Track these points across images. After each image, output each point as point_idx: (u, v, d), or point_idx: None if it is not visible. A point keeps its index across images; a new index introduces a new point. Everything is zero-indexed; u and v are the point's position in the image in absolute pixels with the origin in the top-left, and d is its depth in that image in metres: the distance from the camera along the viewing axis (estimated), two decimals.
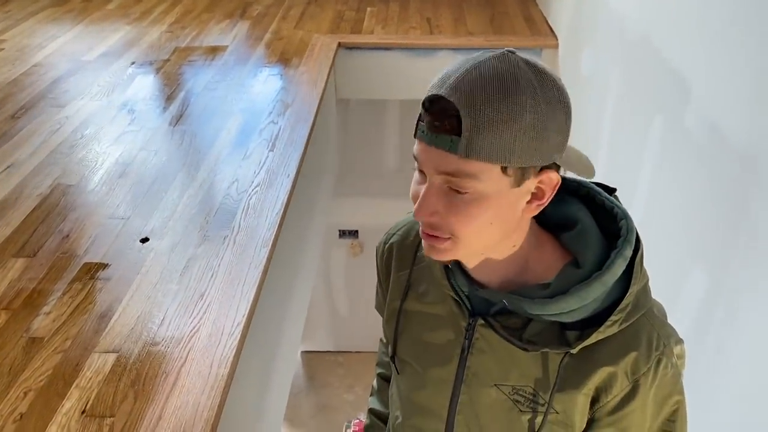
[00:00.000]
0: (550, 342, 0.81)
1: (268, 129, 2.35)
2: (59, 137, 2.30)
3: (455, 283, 0.88)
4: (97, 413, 1.28)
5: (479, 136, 0.69)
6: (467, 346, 0.87)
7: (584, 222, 0.84)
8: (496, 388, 0.86)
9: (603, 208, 0.86)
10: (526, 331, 0.82)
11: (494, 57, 0.72)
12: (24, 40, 3.16)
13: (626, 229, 0.82)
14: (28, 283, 1.61)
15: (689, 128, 1.64)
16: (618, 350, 0.80)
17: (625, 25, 2.17)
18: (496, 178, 0.72)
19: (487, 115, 0.69)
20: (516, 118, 0.69)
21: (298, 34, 3.22)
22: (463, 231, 0.76)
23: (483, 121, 0.69)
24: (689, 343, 1.60)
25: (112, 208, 1.91)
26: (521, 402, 0.85)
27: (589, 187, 0.88)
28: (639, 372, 0.80)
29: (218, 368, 1.38)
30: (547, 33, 3.20)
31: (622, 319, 0.79)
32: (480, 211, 0.74)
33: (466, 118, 0.69)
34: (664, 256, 1.78)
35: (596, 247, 0.81)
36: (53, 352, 1.42)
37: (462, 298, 0.88)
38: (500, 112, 0.69)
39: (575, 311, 0.79)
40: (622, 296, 0.79)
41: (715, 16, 1.55)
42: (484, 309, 0.86)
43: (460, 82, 0.70)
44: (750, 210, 1.36)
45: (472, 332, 0.87)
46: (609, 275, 0.78)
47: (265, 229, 1.81)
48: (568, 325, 0.81)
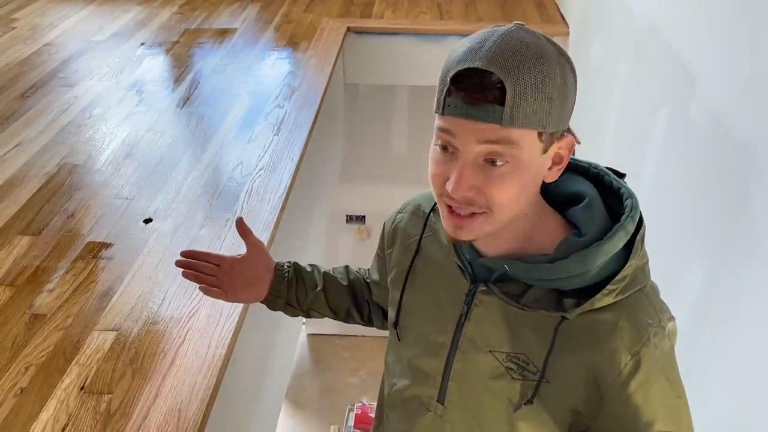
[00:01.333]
0: (547, 307, 0.83)
1: (274, 113, 2.36)
2: (67, 117, 2.32)
3: (460, 251, 0.90)
4: (95, 390, 1.30)
5: (523, 103, 0.71)
6: (465, 312, 0.89)
7: (591, 197, 0.86)
8: (490, 355, 0.88)
9: (611, 189, 0.88)
10: (524, 297, 0.84)
11: (515, 28, 0.75)
12: (36, 19, 3.17)
13: (630, 207, 0.84)
14: (32, 261, 1.64)
15: (694, 120, 1.63)
16: (614, 322, 0.81)
17: (634, 14, 2.15)
18: (533, 145, 0.75)
19: (528, 81, 0.71)
20: (551, 83, 0.73)
21: (308, 18, 3.22)
22: (499, 202, 0.77)
23: (525, 88, 0.71)
24: (686, 337, 1.60)
25: (117, 189, 1.93)
26: (513, 369, 0.86)
27: (599, 169, 0.90)
28: (638, 344, 0.80)
29: (216, 349, 1.40)
30: (559, 20, 3.17)
31: (619, 290, 0.81)
32: (516, 180, 0.76)
33: (510, 86, 0.71)
34: (664, 247, 1.78)
35: (600, 221, 0.84)
36: (55, 329, 1.44)
37: (465, 265, 0.90)
38: (539, 79, 0.72)
39: (574, 278, 0.81)
40: (620, 269, 0.81)
41: (722, 9, 1.54)
42: (485, 276, 0.88)
43: (493, 52, 0.72)
44: (750, 205, 1.35)
45: (472, 298, 0.89)
46: (609, 245, 0.80)
47: (267, 212, 1.82)
48: (566, 294, 0.83)
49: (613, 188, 0.88)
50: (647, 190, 1.91)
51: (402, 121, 4.52)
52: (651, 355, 0.81)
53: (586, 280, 0.81)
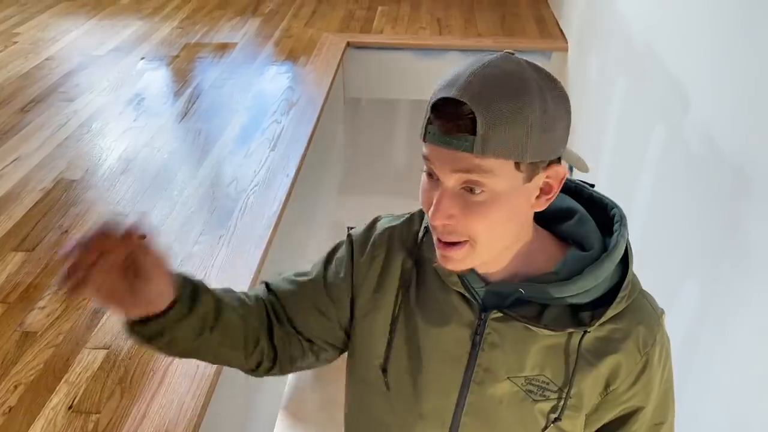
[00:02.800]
0: (569, 324, 0.84)
1: (271, 128, 2.37)
2: (66, 132, 2.33)
3: (465, 279, 0.86)
4: (83, 409, 1.30)
5: (493, 133, 0.71)
6: (479, 342, 0.86)
7: (582, 212, 0.88)
8: (509, 381, 0.86)
9: (591, 201, 0.90)
10: (542, 319, 0.84)
11: (498, 58, 0.75)
12: (38, 33, 3.20)
13: (619, 215, 0.86)
14: (25, 278, 1.64)
15: (688, 138, 1.63)
16: (628, 327, 0.84)
17: (631, 32, 2.15)
18: (510, 174, 0.75)
19: (500, 111, 0.71)
20: (527, 113, 0.72)
21: (308, 33, 3.23)
22: (480, 231, 0.77)
23: (496, 118, 0.71)
24: (681, 351, 1.59)
25: (112, 205, 1.94)
26: (534, 392, 0.86)
27: (576, 182, 0.92)
28: (648, 345, 0.84)
29: (204, 369, 1.39)
30: (558, 36, 3.18)
31: (627, 295, 0.84)
32: (495, 209, 0.76)
33: (480, 116, 0.71)
34: (660, 263, 1.77)
35: (596, 233, 0.86)
36: (45, 347, 1.44)
37: (474, 294, 0.86)
38: (512, 109, 0.72)
39: (589, 291, 0.82)
40: (621, 276, 0.84)
41: (715, 30, 1.54)
42: (494, 303, 0.86)
43: (470, 82, 0.72)
44: (741, 224, 1.35)
45: (483, 327, 0.86)
46: (616, 254, 0.83)
47: (260, 228, 1.82)
48: (579, 308, 0.84)
49: (593, 200, 0.89)
50: (643, 206, 1.91)
51: (403, 134, 4.53)
52: (657, 353, 0.86)
53: (599, 292, 0.83)
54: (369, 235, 0.93)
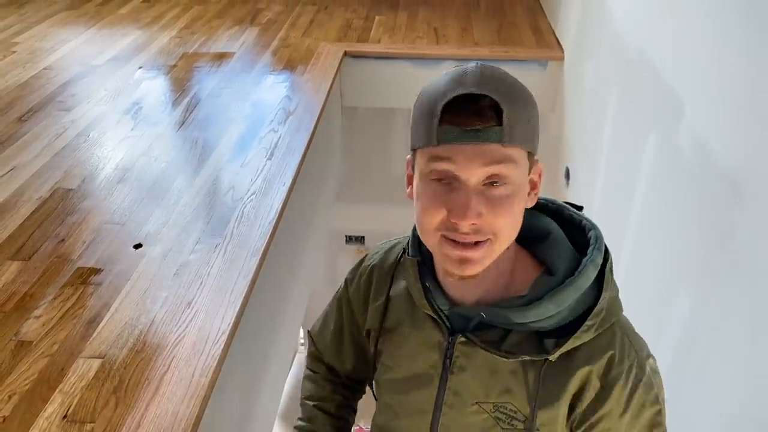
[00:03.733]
0: (529, 351, 0.82)
1: (268, 137, 2.37)
2: (63, 141, 2.33)
3: (434, 303, 0.88)
4: (77, 419, 1.30)
5: (517, 122, 0.73)
6: (448, 366, 0.87)
7: (556, 233, 0.86)
8: (477, 406, 0.86)
9: (571, 223, 0.88)
10: (504, 343, 0.83)
11: (476, 64, 0.77)
12: (36, 43, 3.21)
13: (595, 238, 0.84)
14: (21, 287, 1.64)
15: (681, 148, 1.63)
16: (593, 354, 0.82)
17: (625, 41, 2.16)
18: (526, 165, 0.77)
19: (518, 102, 0.74)
20: (532, 105, 0.76)
21: (306, 42, 3.25)
22: (504, 226, 0.77)
23: (518, 108, 0.74)
24: (673, 366, 1.59)
25: (108, 214, 1.94)
26: (502, 420, 0.85)
27: (557, 204, 0.91)
28: (611, 373, 0.81)
29: (200, 377, 1.39)
30: (554, 45, 3.20)
31: (597, 324, 0.81)
32: (514, 202, 0.77)
33: (505, 106, 0.72)
34: (652, 274, 1.77)
35: (568, 256, 0.84)
36: (40, 356, 1.44)
37: (441, 316, 0.88)
38: (524, 101, 0.75)
39: (552, 317, 0.80)
40: (594, 303, 0.81)
41: (710, 39, 1.55)
42: (462, 326, 0.87)
43: (481, 77, 0.74)
44: (734, 233, 1.35)
45: (452, 350, 0.87)
46: (582, 280, 0.80)
47: (256, 237, 1.83)
48: (545, 334, 0.82)
49: (573, 221, 0.88)
50: (637, 213, 1.91)
51: (400, 143, 4.54)
52: (621, 387, 0.82)
53: (564, 319, 0.81)
54: (356, 272, 1.03)
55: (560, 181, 2.89)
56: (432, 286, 0.87)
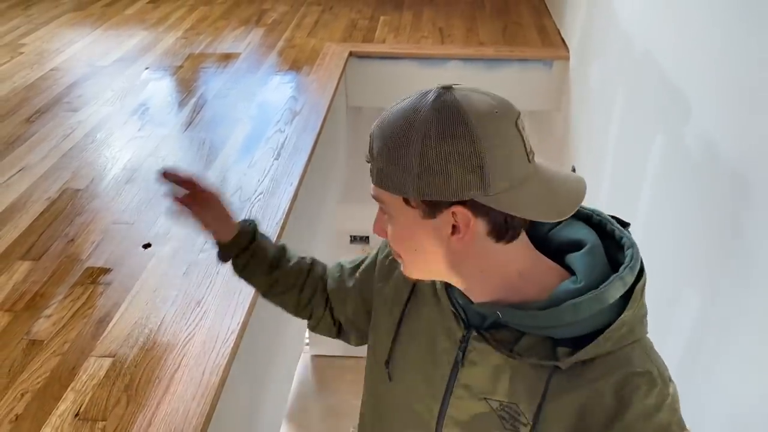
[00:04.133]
0: (540, 355, 0.81)
1: (274, 137, 2.38)
2: (71, 142, 2.35)
3: (452, 295, 0.89)
4: (89, 416, 1.31)
5: (378, 169, 0.79)
6: (461, 358, 0.88)
7: (593, 244, 0.83)
8: (485, 402, 0.87)
9: (613, 238, 0.85)
10: (517, 345, 0.83)
11: (417, 95, 0.78)
12: (43, 44, 3.23)
13: (631, 257, 0.81)
14: (31, 286, 1.65)
15: (688, 146, 1.64)
16: (608, 369, 0.78)
17: (631, 41, 2.16)
18: (403, 209, 0.79)
19: (382, 148, 0.78)
20: (402, 155, 0.76)
21: (311, 43, 3.26)
22: (399, 251, 0.85)
23: (378, 154, 0.78)
24: (682, 364, 1.59)
25: (117, 214, 1.95)
26: (506, 419, 0.85)
27: (601, 216, 0.88)
28: (627, 388, 0.77)
29: (210, 376, 1.40)
30: (559, 44, 3.20)
31: (615, 340, 0.78)
32: (402, 236, 0.82)
33: (373, 149, 0.79)
34: (661, 270, 1.78)
35: (600, 269, 0.81)
36: (52, 355, 1.45)
37: (458, 310, 0.89)
38: (389, 150, 0.77)
39: (567, 327, 0.78)
40: (616, 319, 0.78)
41: (715, 38, 1.55)
42: (478, 322, 0.87)
43: (380, 118, 0.80)
44: (742, 231, 1.35)
45: (467, 344, 0.88)
46: (605, 295, 0.77)
47: None
48: (560, 342, 0.80)
49: (615, 237, 0.85)
50: (644, 213, 1.92)
51: None
52: (639, 406, 0.78)
53: (581, 329, 0.79)
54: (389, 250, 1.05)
55: None
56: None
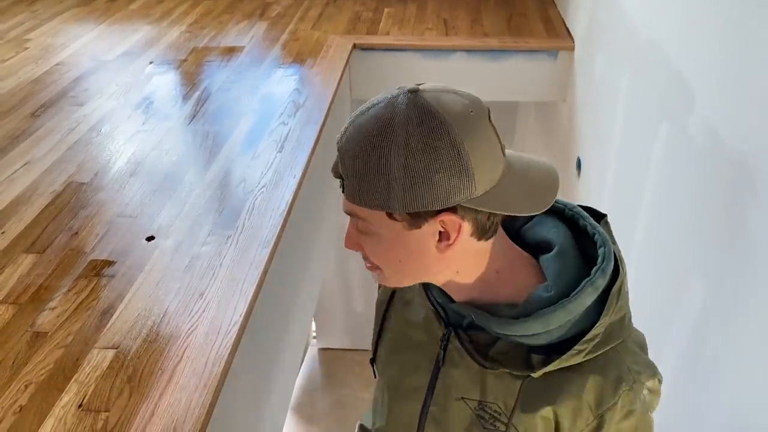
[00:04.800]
0: (514, 363, 0.80)
1: (278, 130, 2.38)
2: (76, 135, 2.36)
3: (431, 294, 0.89)
4: (93, 408, 1.32)
5: (356, 185, 0.74)
6: (442, 357, 0.88)
7: (562, 245, 0.81)
8: (463, 402, 0.86)
9: (586, 234, 0.83)
10: (493, 348, 0.82)
11: (386, 100, 0.74)
12: (48, 39, 3.24)
13: (603, 257, 0.79)
14: (36, 279, 1.66)
15: (692, 135, 1.62)
16: (582, 381, 0.78)
17: (637, 30, 2.15)
18: (385, 223, 0.75)
19: (357, 165, 0.72)
20: (382, 168, 0.71)
21: (315, 35, 3.25)
22: (380, 263, 0.81)
23: (354, 171, 0.73)
24: (686, 354, 1.58)
25: (121, 207, 1.95)
26: (485, 419, 0.85)
27: (574, 211, 0.85)
28: (603, 406, 0.78)
29: (212, 367, 1.41)
30: (565, 35, 3.18)
31: (588, 350, 0.77)
32: (383, 250, 0.78)
33: (344, 167, 0.74)
34: (666, 259, 1.77)
35: (571, 272, 0.79)
36: (55, 347, 1.46)
37: (437, 308, 0.88)
38: (367, 165, 0.72)
39: (539, 335, 0.77)
40: (592, 326, 0.77)
41: (720, 27, 1.53)
42: (458, 321, 0.87)
43: (345, 131, 0.75)
44: (746, 219, 1.34)
45: (447, 343, 0.87)
46: (575, 304, 0.76)
47: (267, 229, 1.84)
48: (534, 348, 0.79)
49: (587, 233, 0.83)
50: (649, 202, 1.90)
51: None
52: (615, 417, 0.79)
53: (554, 338, 0.78)
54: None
55: (571, 172, 2.88)
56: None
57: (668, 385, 0.91)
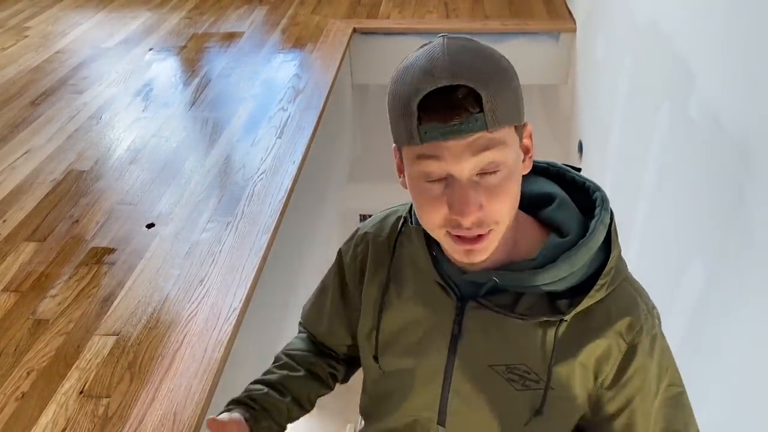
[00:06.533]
0: (544, 312, 0.82)
1: (277, 115, 2.38)
2: (76, 123, 2.36)
3: (443, 270, 0.88)
4: (94, 393, 1.33)
5: (498, 103, 0.71)
6: (458, 331, 0.87)
7: (561, 197, 0.86)
8: (490, 369, 0.86)
9: (574, 185, 0.88)
10: (517, 306, 0.83)
11: (447, 39, 0.74)
12: (48, 27, 3.23)
13: (601, 199, 0.84)
14: (37, 267, 1.67)
15: (693, 118, 1.61)
16: (608, 315, 0.82)
17: (636, 11, 2.12)
18: (515, 141, 0.75)
19: (495, 80, 0.71)
20: (511, 77, 0.74)
21: (314, 20, 3.23)
22: (505, 211, 0.76)
23: (496, 88, 0.71)
24: (686, 338, 1.58)
25: (121, 194, 1.96)
26: (516, 380, 0.85)
27: (558, 167, 0.90)
28: (633, 331, 0.82)
29: (212, 352, 1.42)
30: (566, 16, 3.15)
31: (608, 283, 0.81)
32: (512, 184, 0.75)
33: (483, 91, 0.69)
34: (666, 243, 1.76)
35: (575, 217, 0.84)
36: (57, 334, 1.47)
37: (450, 284, 0.88)
38: (500, 76, 0.72)
39: (565, 279, 0.81)
40: (603, 263, 0.81)
41: (721, 8, 1.52)
42: (472, 292, 0.87)
43: (451, 64, 0.70)
44: (745, 203, 1.34)
45: (462, 316, 0.87)
46: (593, 241, 0.81)
47: (267, 215, 1.84)
48: (557, 296, 0.82)
49: (576, 183, 0.88)
50: (650, 185, 1.90)
51: None
52: (647, 343, 0.83)
53: (576, 279, 0.81)
54: (351, 242, 1.00)
55: (574, 154, 2.86)
56: (439, 254, 0.87)
57: None
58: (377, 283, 0.95)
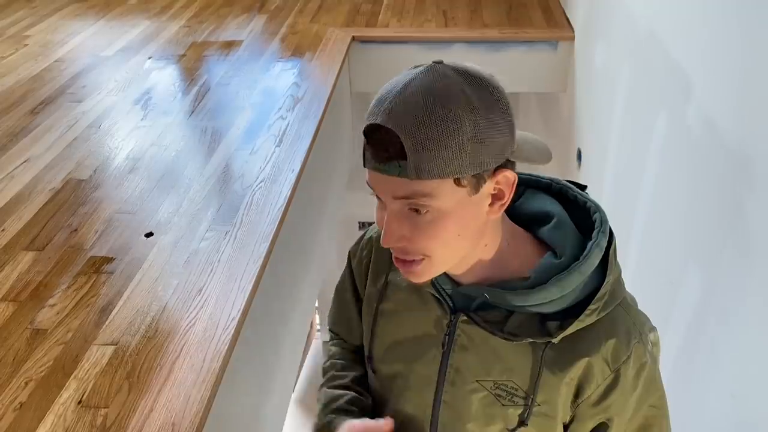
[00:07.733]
0: (532, 333, 0.82)
1: (276, 124, 2.38)
2: (74, 132, 2.36)
3: (436, 282, 0.89)
4: (92, 404, 1.32)
5: (424, 157, 0.69)
6: (449, 343, 0.88)
7: (560, 216, 0.86)
8: (478, 384, 0.87)
9: (576, 204, 0.88)
10: (507, 324, 0.83)
11: (421, 73, 0.72)
12: (47, 35, 3.24)
13: (600, 221, 0.83)
14: (35, 276, 1.67)
15: (690, 126, 1.62)
16: (597, 339, 0.82)
17: (635, 20, 2.13)
18: (451, 192, 0.73)
19: (426, 135, 0.68)
20: (455, 131, 0.69)
21: (313, 28, 3.24)
22: (433, 249, 0.77)
23: (424, 142, 0.68)
24: (684, 344, 1.58)
25: (120, 203, 1.96)
26: (503, 396, 0.86)
27: (561, 184, 0.90)
28: (619, 360, 0.82)
29: (211, 362, 1.41)
30: (564, 25, 3.16)
31: (600, 308, 0.81)
32: (444, 227, 0.75)
33: (407, 142, 0.69)
34: (663, 250, 1.76)
35: (573, 239, 0.83)
36: (55, 344, 1.47)
37: (443, 295, 0.88)
38: (438, 130, 0.68)
39: (555, 301, 0.80)
40: (598, 286, 0.81)
41: (719, 17, 1.52)
42: (464, 305, 0.87)
43: (393, 105, 0.70)
44: (743, 211, 1.34)
45: (454, 329, 0.88)
46: (586, 265, 0.80)
47: (266, 224, 1.84)
48: (548, 316, 0.82)
49: (578, 202, 0.87)
50: (648, 193, 1.90)
51: None
52: (631, 371, 0.82)
53: (567, 302, 0.81)
54: (358, 246, 1.03)
55: (572, 163, 2.87)
56: None
57: (667, 374, 0.93)
58: (376, 290, 0.97)
